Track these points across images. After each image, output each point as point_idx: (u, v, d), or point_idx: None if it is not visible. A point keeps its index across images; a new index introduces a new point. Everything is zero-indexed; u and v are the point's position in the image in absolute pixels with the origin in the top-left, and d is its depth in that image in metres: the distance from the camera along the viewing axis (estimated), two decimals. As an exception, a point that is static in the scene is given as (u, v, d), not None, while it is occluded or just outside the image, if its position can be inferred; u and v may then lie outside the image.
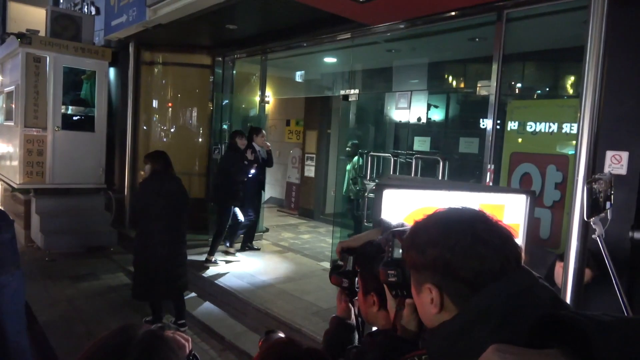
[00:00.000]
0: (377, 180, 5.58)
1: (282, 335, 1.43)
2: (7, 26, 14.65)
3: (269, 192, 8.55)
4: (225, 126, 7.46)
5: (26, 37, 6.78)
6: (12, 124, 7.23)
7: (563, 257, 2.23)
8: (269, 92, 7.31)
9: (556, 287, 2.24)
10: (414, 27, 4.64)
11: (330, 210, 8.96)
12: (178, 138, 7.57)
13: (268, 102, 7.25)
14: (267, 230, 7.54)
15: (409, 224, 1.42)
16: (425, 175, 5.07)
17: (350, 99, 5.48)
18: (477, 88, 4.29)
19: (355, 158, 6.76)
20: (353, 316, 1.47)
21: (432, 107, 7.07)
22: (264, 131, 6.34)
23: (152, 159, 4.26)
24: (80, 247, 6.71)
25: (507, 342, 0.68)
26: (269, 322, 4.30)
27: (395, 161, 5.23)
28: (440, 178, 4.35)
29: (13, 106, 7.19)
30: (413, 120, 6.74)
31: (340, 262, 1.44)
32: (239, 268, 5.67)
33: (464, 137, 5.75)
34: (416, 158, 4.85)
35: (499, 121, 4.00)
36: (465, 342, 0.77)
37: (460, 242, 0.81)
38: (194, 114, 7.63)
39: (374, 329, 1.43)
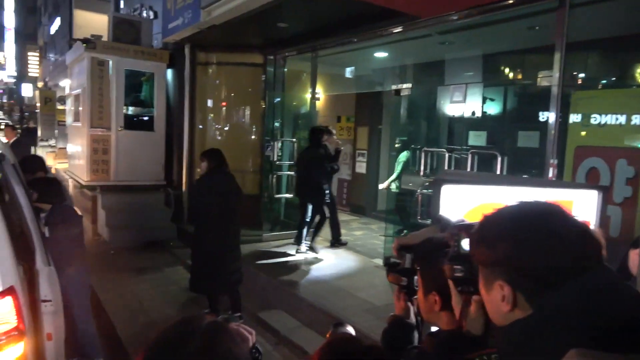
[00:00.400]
0: (430, 177, 5.46)
1: (350, 329, 1.42)
2: (74, 32, 15.62)
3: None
4: (277, 124, 7.56)
5: (91, 43, 7.18)
6: (80, 124, 7.68)
7: (638, 243, 2.06)
8: (319, 88, 7.33)
9: (632, 279, 2.09)
10: (469, 17, 4.48)
11: (382, 207, 8.87)
12: (232, 136, 7.76)
13: (319, 99, 7.28)
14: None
15: (469, 220, 1.38)
16: (482, 171, 4.90)
17: (401, 94, 5.38)
18: (538, 79, 4.09)
19: (403, 154, 6.64)
20: (412, 315, 1.44)
21: (487, 100, 6.82)
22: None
23: (207, 157, 4.39)
24: (142, 241, 7.03)
25: (585, 344, 0.64)
26: (322, 318, 4.32)
27: (449, 157, 5.08)
28: (498, 174, 4.19)
29: (80, 108, 7.64)
30: (468, 114, 6.54)
31: (397, 260, 1.42)
32: (292, 264, 5.74)
33: (523, 131, 5.50)
34: (472, 153, 4.69)
35: (561, 113, 3.80)
36: (539, 342, 0.73)
37: (534, 236, 0.77)
38: (247, 112, 7.79)
39: (434, 328, 1.39)
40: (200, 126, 7.84)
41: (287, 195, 7.43)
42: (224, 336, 0.83)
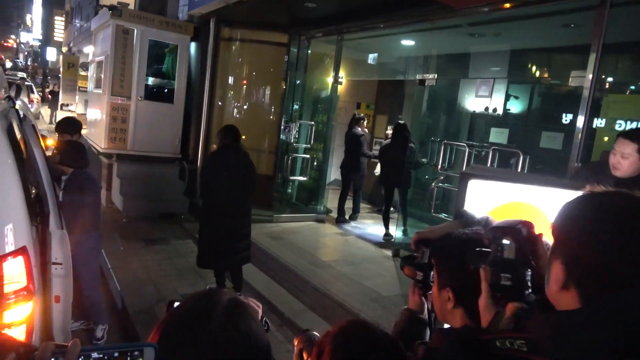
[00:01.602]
0: (448, 171, 5.37)
1: (316, 334, 1.37)
2: (101, -1, 15.54)
3: (333, 175, 8.53)
4: (296, 106, 7.50)
5: (117, 10, 7.15)
6: (100, 91, 7.71)
7: None
8: (341, 73, 7.23)
9: None
10: (503, 10, 4.34)
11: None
12: (250, 115, 7.73)
13: (341, 83, 7.18)
14: (330, 212, 7.56)
15: (494, 219, 1.32)
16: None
17: (426, 84, 5.27)
18: (569, 79, 3.96)
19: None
20: (426, 311, 1.40)
21: (511, 97, 6.67)
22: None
23: (222, 132, 4.33)
24: (154, 212, 7.08)
25: (629, 354, 0.60)
26: (328, 303, 4.32)
27: (469, 152, 4.98)
28: (526, 172, 4.09)
29: (102, 75, 7.65)
30: (491, 109, 6.40)
31: (415, 254, 1.37)
32: (299, 246, 5.73)
33: (547, 132, 5.37)
34: (493, 150, 4.59)
35: (589, 117, 3.67)
36: (583, 339, 0.69)
37: (616, 239, 0.73)
38: (267, 92, 7.73)
39: (446, 326, 1.35)
40: (220, 102, 7.81)
41: (301, 178, 7.40)
42: (245, 312, 0.80)
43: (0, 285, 2.03)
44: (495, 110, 6.41)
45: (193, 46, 8.03)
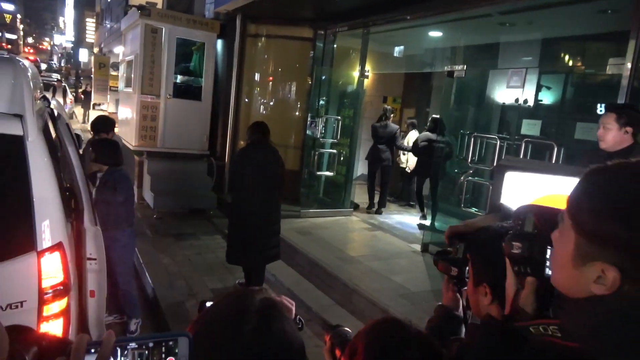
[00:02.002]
0: (478, 164, 5.25)
1: (348, 330, 1.35)
2: (130, -1, 15.85)
3: (360, 169, 8.49)
4: (322, 101, 7.48)
5: (146, 9, 7.27)
6: (131, 90, 7.86)
7: None
8: (367, 66, 7.16)
9: None
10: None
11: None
12: (276, 111, 7.74)
13: (367, 77, 7.11)
14: (357, 206, 7.52)
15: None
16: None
17: (455, 75, 5.16)
18: (606, 67, 3.80)
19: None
20: (461, 307, 1.36)
21: (544, 87, 6.46)
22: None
23: (251, 129, 4.33)
24: (183, 208, 7.20)
25: None
26: (356, 299, 4.29)
27: (500, 145, 4.85)
28: (566, 165, 3.95)
29: (132, 74, 7.80)
30: (522, 100, 6.22)
31: (449, 249, 1.33)
32: (327, 242, 5.72)
33: (582, 123, 5.17)
34: (526, 142, 4.46)
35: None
36: (622, 330, 0.66)
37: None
38: (293, 87, 7.73)
39: (482, 322, 1.31)
40: (246, 99, 7.86)
41: (328, 173, 7.38)
42: (278, 314, 0.79)
43: (38, 280, 2.09)
44: (526, 101, 6.23)
45: (219, 43, 8.10)
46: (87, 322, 2.66)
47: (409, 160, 8.06)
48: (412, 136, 7.77)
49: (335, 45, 7.36)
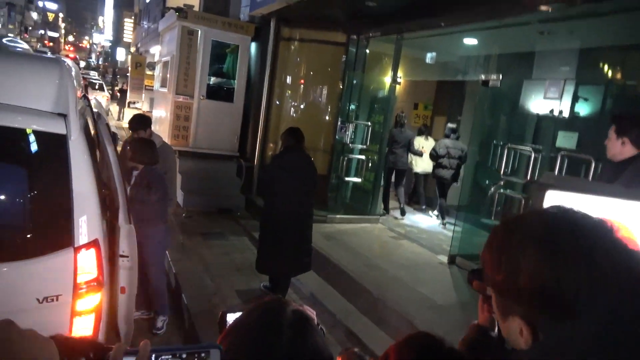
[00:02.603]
0: (511, 176, 5.13)
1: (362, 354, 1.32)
2: (167, 1, 16.31)
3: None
4: (353, 106, 7.46)
5: (183, 12, 7.43)
6: (166, 90, 8.04)
7: None
8: (400, 73, 7.11)
9: None
10: (577, 6, 4.08)
11: (452, 202, 8.56)
12: (306, 114, 7.77)
13: (399, 84, 7.06)
14: (384, 214, 7.47)
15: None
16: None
17: (490, 85, 5.06)
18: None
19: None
20: (497, 329, 1.32)
21: (581, 99, 6.27)
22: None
23: (285, 134, 4.27)
24: (212, 208, 7.30)
25: None
26: (380, 307, 4.25)
27: (535, 157, 4.72)
28: (616, 184, 3.80)
29: (168, 75, 7.98)
30: (557, 112, 6.06)
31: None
32: (353, 248, 5.70)
33: (622, 137, 4.99)
34: (562, 156, 4.33)
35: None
36: None
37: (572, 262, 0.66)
38: (324, 92, 7.75)
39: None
40: (277, 102, 7.92)
41: (356, 179, 7.36)
42: (310, 327, 0.79)
43: (74, 276, 2.15)
44: (561, 112, 6.06)
45: (253, 46, 8.19)
46: (116, 318, 2.71)
47: (417, 164, 8.20)
48: (419, 141, 7.99)
49: (367, 50, 7.35)
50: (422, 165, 8.13)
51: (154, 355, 0.65)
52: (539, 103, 6.60)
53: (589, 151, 4.98)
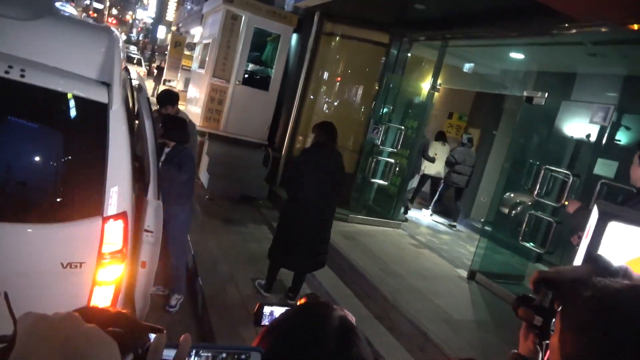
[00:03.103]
0: (544, 198, 4.97)
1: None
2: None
3: (412, 184, 8.34)
4: (387, 108, 7.36)
5: (229, -4, 7.43)
6: (203, 72, 8.08)
7: None
8: (439, 80, 6.97)
9: None
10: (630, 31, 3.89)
11: (476, 216, 8.40)
12: (339, 111, 7.70)
13: (438, 91, 6.93)
14: (405, 220, 7.36)
15: (635, 271, 1.14)
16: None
17: (534, 102, 4.91)
18: None
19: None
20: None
21: (623, 127, 6.05)
22: None
23: (319, 128, 4.11)
24: (235, 194, 7.31)
25: None
26: (395, 315, 4.18)
27: (573, 182, 4.55)
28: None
29: (207, 57, 8.01)
30: (597, 137, 5.85)
31: (531, 295, 1.22)
32: (372, 251, 5.62)
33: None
34: (602, 183, 4.16)
35: None
36: None
37: None
38: (359, 91, 7.67)
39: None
40: (312, 96, 7.87)
41: (382, 182, 7.26)
42: (356, 338, 0.73)
43: (99, 245, 2.14)
44: (600, 139, 5.85)
45: (294, 37, 8.15)
46: (134, 292, 2.71)
47: (430, 167, 8.34)
48: (435, 146, 8.29)
49: (409, 54, 7.23)
50: (436, 168, 8.25)
51: (194, 351, 0.63)
52: (577, 126, 6.39)
53: (627, 182, 4.80)
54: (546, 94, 4.81)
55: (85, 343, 0.45)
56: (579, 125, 6.34)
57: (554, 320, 1.12)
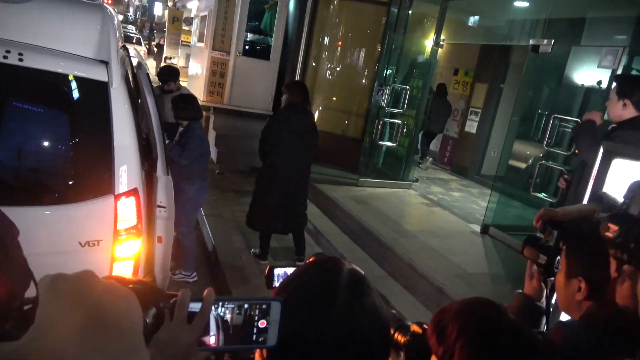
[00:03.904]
0: (554, 148, 4.92)
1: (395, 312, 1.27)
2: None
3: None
4: (391, 69, 7.24)
5: (222, -35, 7.26)
6: (203, 45, 7.99)
7: None
8: (442, 36, 6.81)
9: None
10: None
11: (487, 172, 8.35)
12: (342, 76, 7.61)
13: (442, 47, 6.78)
14: (416, 180, 7.35)
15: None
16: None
17: (540, 51, 4.79)
18: None
19: None
20: (544, 298, 1.27)
21: (634, 70, 5.88)
22: None
23: (290, 90, 4.04)
24: (244, 166, 7.35)
25: None
26: (410, 273, 4.24)
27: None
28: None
29: (205, 30, 7.91)
30: (608, 82, 5.71)
31: (539, 234, 1.24)
32: (384, 213, 5.66)
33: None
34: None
35: None
36: None
37: None
38: (362, 54, 7.53)
39: (565, 317, 1.23)
40: (314, 62, 7.76)
41: (390, 144, 7.23)
42: (367, 288, 0.75)
43: (114, 222, 2.19)
44: (611, 83, 5.71)
45: (292, 3, 7.98)
46: (153, 266, 2.79)
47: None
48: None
49: (410, 12, 7.05)
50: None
51: (219, 303, 0.65)
52: (589, 73, 6.23)
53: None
54: (552, 42, 4.68)
55: (104, 294, 0.47)
56: (588, 73, 6.19)
57: (558, 258, 1.14)
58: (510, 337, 0.87)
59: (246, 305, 0.66)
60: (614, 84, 2.74)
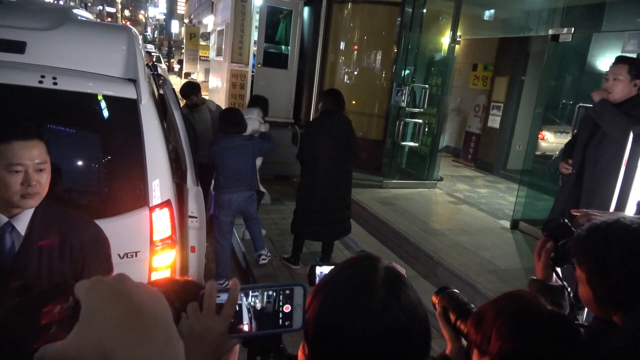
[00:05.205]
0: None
1: (457, 291, 1.29)
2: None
3: (446, 141, 8.22)
4: (409, 69, 7.23)
5: (235, -22, 7.41)
6: (222, 59, 8.14)
7: None
8: (459, 32, 6.77)
9: None
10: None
11: (513, 166, 8.23)
12: (361, 79, 7.63)
13: (459, 43, 6.74)
14: (441, 179, 7.30)
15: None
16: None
17: (560, 40, 4.72)
18: None
19: None
20: (554, 277, 1.27)
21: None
22: None
23: (325, 97, 4.11)
24: (268, 174, 7.42)
25: None
26: (441, 272, 4.22)
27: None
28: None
29: (223, 44, 8.06)
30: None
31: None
32: (411, 213, 5.64)
33: None
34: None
35: None
36: None
37: None
38: (378, 56, 7.55)
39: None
40: (331, 68, 7.82)
41: (412, 144, 7.21)
42: (403, 284, 0.76)
43: (150, 233, 2.26)
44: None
45: (306, 11, 8.07)
46: (188, 275, 2.86)
47: None
48: None
49: (424, 10, 7.04)
50: None
51: (244, 292, 0.69)
52: (612, 59, 6.09)
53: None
54: (572, 30, 4.61)
55: (139, 295, 0.49)
56: (612, 59, 6.05)
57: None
58: (548, 324, 0.88)
59: (271, 292, 0.70)
60: (620, 66, 2.95)
